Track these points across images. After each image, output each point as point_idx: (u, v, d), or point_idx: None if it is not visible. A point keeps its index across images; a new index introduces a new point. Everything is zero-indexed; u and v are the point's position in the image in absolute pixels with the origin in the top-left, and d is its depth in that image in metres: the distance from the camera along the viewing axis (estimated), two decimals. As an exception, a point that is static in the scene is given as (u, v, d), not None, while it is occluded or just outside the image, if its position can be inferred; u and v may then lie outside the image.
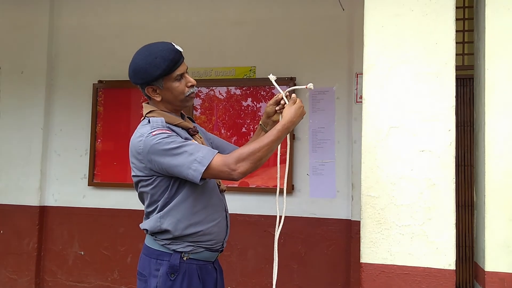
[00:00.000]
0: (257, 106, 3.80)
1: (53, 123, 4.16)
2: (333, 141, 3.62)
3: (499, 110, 1.77)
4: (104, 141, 4.06)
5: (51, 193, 4.12)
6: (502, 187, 1.76)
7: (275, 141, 1.63)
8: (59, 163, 4.13)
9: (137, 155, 1.66)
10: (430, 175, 1.76)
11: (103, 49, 4.10)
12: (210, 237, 1.73)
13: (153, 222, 1.69)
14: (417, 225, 1.76)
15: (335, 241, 3.57)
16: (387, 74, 1.82)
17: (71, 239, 4.05)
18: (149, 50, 1.69)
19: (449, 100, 1.76)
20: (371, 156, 1.82)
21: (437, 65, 1.77)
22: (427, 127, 1.77)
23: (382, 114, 1.82)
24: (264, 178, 3.70)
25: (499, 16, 1.78)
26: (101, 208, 3.99)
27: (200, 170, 1.57)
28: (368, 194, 1.81)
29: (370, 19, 1.85)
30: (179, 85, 1.72)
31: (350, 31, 3.59)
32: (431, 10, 1.78)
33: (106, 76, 4.06)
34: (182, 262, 1.68)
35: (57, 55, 4.19)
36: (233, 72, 3.85)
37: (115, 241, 3.96)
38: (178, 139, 1.63)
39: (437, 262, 1.74)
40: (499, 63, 1.77)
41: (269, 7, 3.80)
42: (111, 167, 4.02)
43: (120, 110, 4.06)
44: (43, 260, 4.09)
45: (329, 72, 3.65)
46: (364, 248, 1.81)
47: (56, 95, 4.17)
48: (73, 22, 4.17)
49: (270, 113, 1.86)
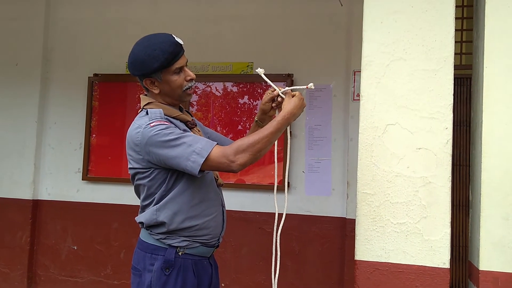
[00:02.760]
0: (253, 103, 3.78)
1: (47, 116, 4.13)
2: (330, 139, 3.61)
3: (497, 109, 1.77)
4: (99, 135, 4.03)
5: (44, 187, 4.09)
6: (498, 186, 1.75)
7: (275, 132, 1.61)
8: (53, 157, 4.10)
9: (134, 146, 1.64)
10: (426, 173, 1.75)
11: (99, 43, 4.07)
12: (206, 231, 1.71)
13: (149, 214, 1.67)
14: (412, 223, 1.76)
15: (329, 239, 3.57)
16: (385, 71, 1.81)
17: (64, 233, 4.03)
18: (149, 41, 1.67)
19: (447, 98, 1.75)
20: (367, 153, 1.81)
21: (436, 63, 1.76)
22: (424, 125, 1.76)
23: (379, 111, 1.81)
24: (260, 175, 3.68)
25: (499, 14, 1.77)
26: (95, 203, 3.97)
27: (199, 161, 1.54)
28: (364, 191, 1.80)
29: (369, 15, 1.83)
30: (177, 79, 1.69)
31: (348, 28, 3.58)
32: (431, 7, 1.77)
33: (102, 70, 4.03)
34: (178, 257, 1.66)
35: (53, 48, 4.15)
36: (231, 67, 3.83)
37: (109, 236, 3.93)
38: (176, 131, 1.60)
39: (432, 261, 1.73)
40: (498, 62, 1.76)
41: (267, 3, 3.78)
42: (105, 162, 4.00)
43: (115, 104, 4.03)
44: (36, 254, 4.06)
45: (327, 69, 3.63)
46: (358, 245, 1.80)
47: (51, 88, 4.14)
48: (70, 15, 4.13)
49: (266, 110, 1.85)
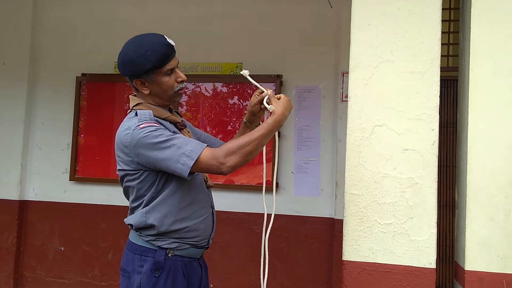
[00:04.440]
0: (243, 104, 3.79)
1: (34, 116, 4.09)
2: (318, 139, 3.63)
3: (482, 111, 1.79)
4: (87, 135, 4.00)
5: (31, 187, 4.05)
6: (484, 186, 1.78)
7: (266, 135, 1.60)
8: (40, 157, 4.06)
9: (123, 148, 1.62)
10: (413, 174, 1.77)
11: (88, 42, 4.04)
12: (196, 233, 1.70)
13: (139, 217, 1.66)
14: (399, 223, 1.77)
15: (318, 239, 3.58)
16: (373, 73, 1.82)
17: (51, 234, 3.99)
18: (140, 41, 1.65)
19: (434, 100, 1.77)
20: (355, 154, 1.82)
21: (422, 65, 1.78)
22: (411, 126, 1.78)
23: (366, 112, 1.82)
24: (249, 176, 3.69)
25: (485, 16, 1.80)
26: (82, 204, 3.94)
27: (189, 164, 1.53)
28: (352, 192, 1.81)
29: (357, 17, 1.85)
30: (168, 80, 1.68)
31: (337, 29, 3.60)
32: (417, 9, 1.79)
33: (90, 69, 4.00)
34: (167, 258, 1.66)
35: (40, 47, 4.11)
36: (220, 68, 3.82)
37: (96, 237, 3.90)
38: (166, 133, 1.59)
39: (418, 261, 1.75)
40: (484, 64, 1.78)
41: (257, 3, 3.78)
42: (93, 162, 3.97)
43: (103, 104, 4.00)
44: (22, 255, 4.02)
45: (316, 70, 3.65)
46: (346, 246, 1.81)
47: (38, 87, 4.10)
48: (57, 14, 4.09)
49: (255, 112, 1.85)
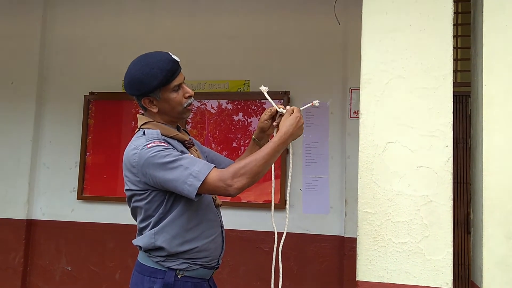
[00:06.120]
0: (248, 120, 3.77)
1: (42, 135, 4.10)
2: (327, 156, 3.60)
3: (497, 126, 1.76)
4: (94, 154, 4.00)
5: (39, 207, 4.03)
6: (500, 204, 1.73)
7: (272, 154, 1.58)
8: (48, 176, 4.05)
9: (131, 168, 1.60)
10: (427, 192, 1.73)
11: (96, 61, 4.07)
12: (205, 253, 1.67)
13: (147, 239, 1.63)
14: (414, 242, 1.73)
15: (327, 258, 3.52)
16: (384, 89, 1.80)
17: (58, 254, 3.96)
18: (145, 60, 1.65)
19: (447, 116, 1.74)
20: (367, 171, 1.79)
21: (435, 81, 1.76)
22: (424, 143, 1.75)
23: (379, 129, 1.79)
24: (256, 193, 3.65)
25: (497, 32, 1.78)
26: (90, 223, 3.92)
27: (196, 185, 1.51)
28: (365, 210, 1.78)
29: (367, 33, 1.83)
30: (176, 96, 1.69)
31: (345, 46, 3.60)
32: (428, 25, 1.77)
33: (98, 88, 4.02)
34: (177, 279, 1.62)
35: (49, 65, 4.14)
36: (227, 85, 3.83)
37: (104, 257, 3.87)
38: (174, 152, 1.57)
39: (434, 281, 1.70)
40: (497, 79, 1.76)
41: (264, 21, 3.80)
42: (101, 181, 3.96)
43: (111, 123, 4.01)
44: (29, 275, 3.99)
45: (323, 87, 3.64)
46: (360, 266, 1.76)
47: (46, 106, 4.12)
48: (66, 33, 4.14)
49: (265, 128, 1.83)
